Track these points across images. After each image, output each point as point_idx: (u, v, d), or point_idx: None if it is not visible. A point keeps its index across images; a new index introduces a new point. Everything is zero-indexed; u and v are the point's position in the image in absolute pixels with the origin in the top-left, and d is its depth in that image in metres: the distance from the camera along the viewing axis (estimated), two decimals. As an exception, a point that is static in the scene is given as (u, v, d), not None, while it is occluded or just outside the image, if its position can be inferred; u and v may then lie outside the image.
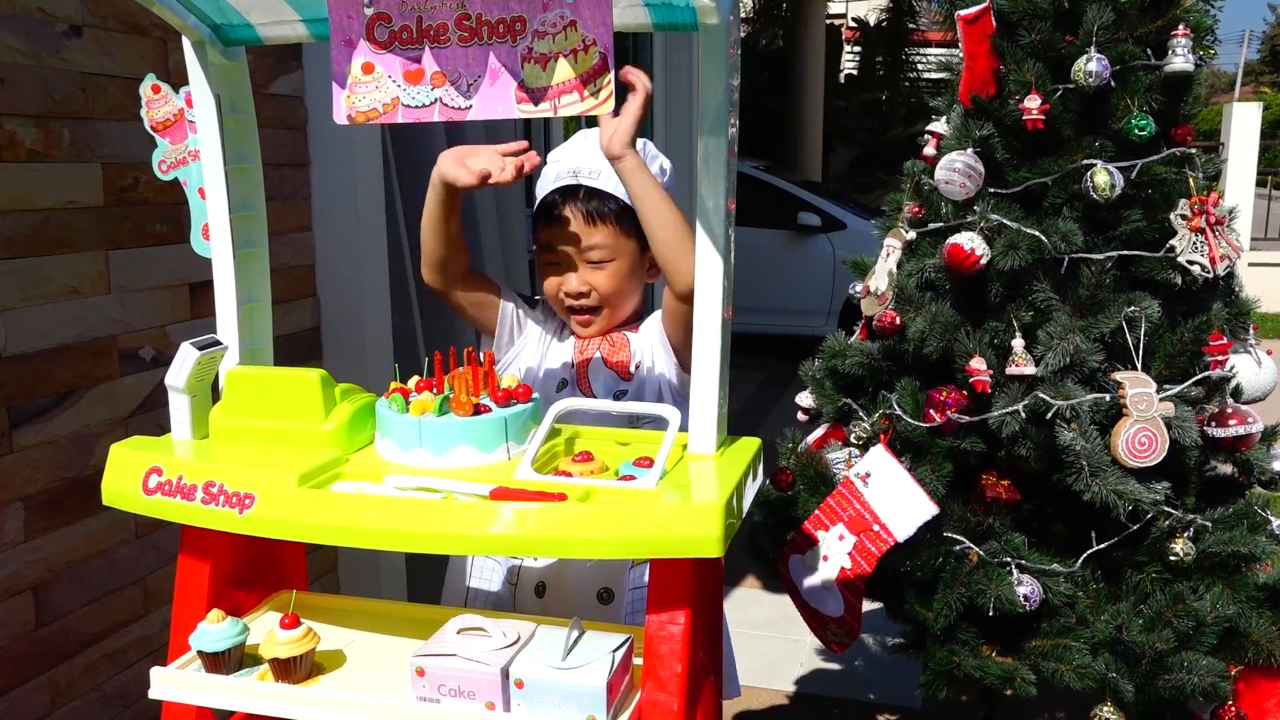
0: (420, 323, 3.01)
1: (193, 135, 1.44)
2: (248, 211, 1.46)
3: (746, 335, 7.19)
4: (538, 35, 1.12)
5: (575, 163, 1.68)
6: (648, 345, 1.72)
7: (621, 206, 1.65)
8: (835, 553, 1.83)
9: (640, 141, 1.71)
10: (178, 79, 1.44)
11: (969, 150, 1.85)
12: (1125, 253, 1.82)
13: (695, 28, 1.18)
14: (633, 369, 1.71)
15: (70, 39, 1.93)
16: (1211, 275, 1.81)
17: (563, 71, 1.12)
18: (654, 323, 1.74)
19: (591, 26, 1.11)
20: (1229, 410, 1.82)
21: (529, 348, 1.75)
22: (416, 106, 1.17)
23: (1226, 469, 1.93)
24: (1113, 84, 1.80)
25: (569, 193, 1.67)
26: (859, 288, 2.09)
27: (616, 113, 1.47)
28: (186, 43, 1.37)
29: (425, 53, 1.16)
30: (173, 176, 1.48)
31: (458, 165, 1.55)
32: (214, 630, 1.28)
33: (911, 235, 1.98)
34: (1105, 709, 1.76)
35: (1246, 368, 1.91)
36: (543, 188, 1.71)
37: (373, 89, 1.17)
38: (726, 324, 1.26)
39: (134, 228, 2.08)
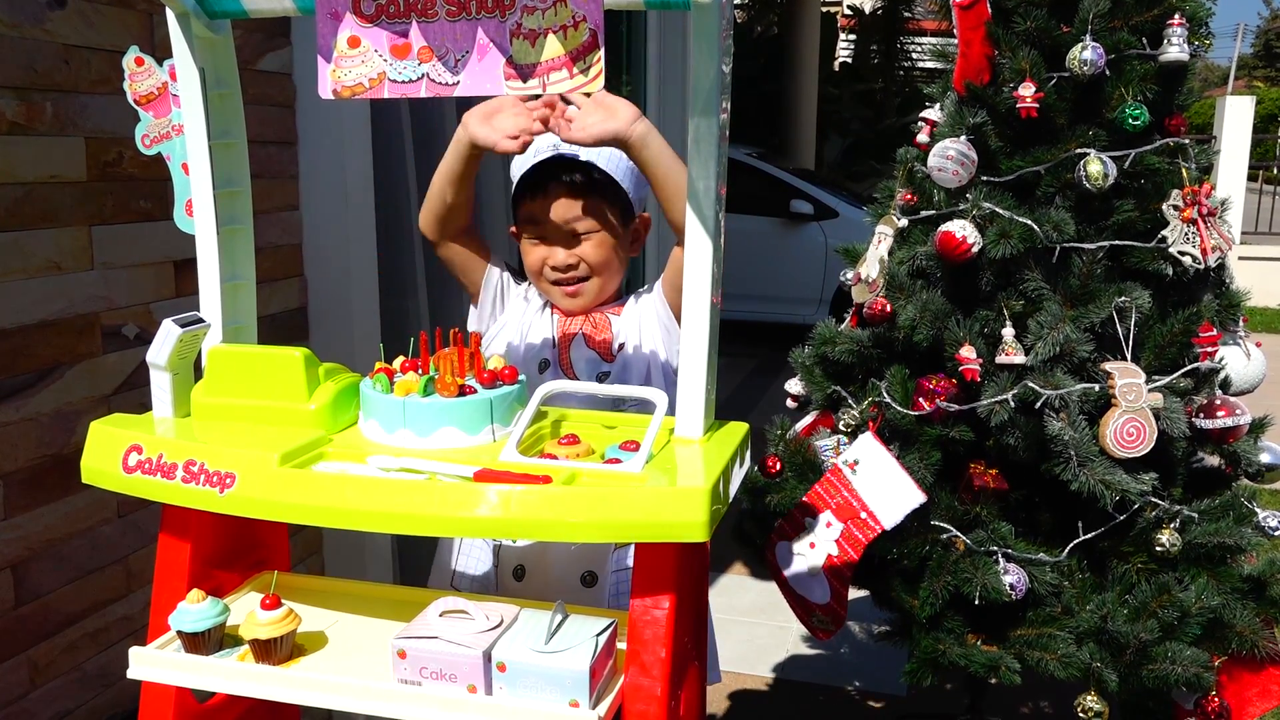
0: (427, 304, 2.98)
1: (176, 110, 1.42)
2: (232, 188, 1.44)
3: (737, 323, 7.18)
4: (527, 11, 1.10)
5: (554, 137, 1.66)
6: (633, 326, 1.70)
7: (604, 177, 1.64)
8: (822, 540, 1.83)
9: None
10: (163, 52, 1.41)
11: (962, 138, 1.84)
12: (1117, 243, 1.82)
13: (688, 6, 1.17)
14: (615, 350, 1.69)
15: (53, 10, 1.90)
16: (1202, 267, 1.81)
17: (552, 48, 1.10)
18: (643, 303, 1.72)
19: (581, 3, 1.09)
20: (1217, 402, 1.82)
21: (511, 324, 1.73)
22: (403, 82, 1.15)
23: (1214, 460, 1.93)
24: (1107, 73, 1.80)
25: (550, 165, 1.65)
26: (850, 275, 2.08)
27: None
28: (170, 15, 1.34)
29: (412, 27, 1.14)
30: (156, 151, 1.45)
31: (486, 125, 1.53)
32: (194, 610, 1.27)
33: (903, 222, 1.97)
34: (1089, 698, 1.76)
35: (1236, 360, 1.91)
36: (521, 164, 1.69)
37: (359, 63, 1.15)
38: (715, 309, 1.24)
39: (118, 203, 2.06)
